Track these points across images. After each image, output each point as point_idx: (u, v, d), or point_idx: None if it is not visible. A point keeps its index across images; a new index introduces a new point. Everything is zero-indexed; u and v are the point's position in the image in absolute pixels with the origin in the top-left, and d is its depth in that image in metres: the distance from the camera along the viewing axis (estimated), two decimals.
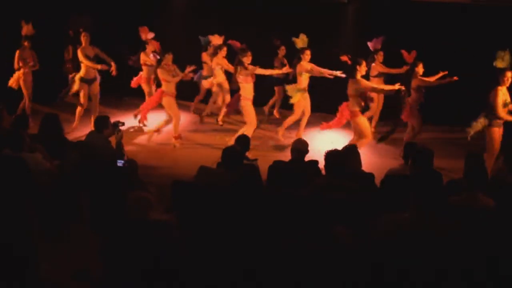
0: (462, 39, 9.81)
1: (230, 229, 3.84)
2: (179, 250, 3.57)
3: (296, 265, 3.35)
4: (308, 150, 5.84)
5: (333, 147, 5.22)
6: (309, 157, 5.78)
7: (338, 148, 5.34)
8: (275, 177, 5.00)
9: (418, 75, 8.02)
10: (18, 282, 3.61)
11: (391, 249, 3.40)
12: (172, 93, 8.47)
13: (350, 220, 3.84)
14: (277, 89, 10.46)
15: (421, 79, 8.01)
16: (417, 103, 8.08)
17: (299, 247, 3.40)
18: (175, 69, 8.55)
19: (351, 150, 5.52)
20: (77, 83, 8.94)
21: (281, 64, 10.05)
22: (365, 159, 6.03)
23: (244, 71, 8.12)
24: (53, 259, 4.19)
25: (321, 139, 8.74)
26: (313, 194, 4.06)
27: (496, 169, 6.35)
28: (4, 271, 3.57)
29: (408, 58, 8.28)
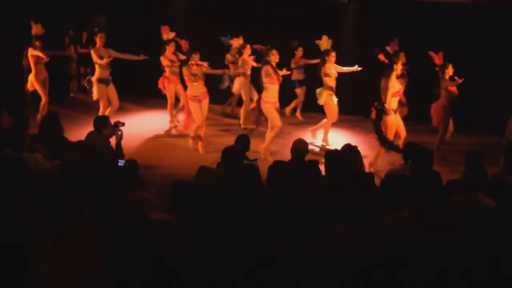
0: (462, 39, 9.81)
1: (230, 229, 3.84)
2: (179, 250, 3.58)
3: (296, 265, 3.35)
4: (308, 150, 5.85)
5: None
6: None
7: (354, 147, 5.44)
8: (275, 177, 5.01)
9: (447, 76, 7.99)
10: (18, 282, 3.61)
11: (391, 249, 3.41)
12: (193, 96, 8.27)
13: (350, 220, 3.84)
14: (298, 91, 10.50)
15: (449, 80, 7.98)
16: (450, 103, 8.08)
17: (299, 247, 3.40)
18: (202, 70, 8.30)
19: (351, 150, 5.52)
20: (95, 86, 8.95)
21: (297, 65, 10.13)
22: (365, 159, 6.02)
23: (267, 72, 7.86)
24: (53, 259, 4.18)
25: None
26: (313, 194, 4.05)
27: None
28: (4, 271, 3.57)
29: (436, 59, 8.16)
